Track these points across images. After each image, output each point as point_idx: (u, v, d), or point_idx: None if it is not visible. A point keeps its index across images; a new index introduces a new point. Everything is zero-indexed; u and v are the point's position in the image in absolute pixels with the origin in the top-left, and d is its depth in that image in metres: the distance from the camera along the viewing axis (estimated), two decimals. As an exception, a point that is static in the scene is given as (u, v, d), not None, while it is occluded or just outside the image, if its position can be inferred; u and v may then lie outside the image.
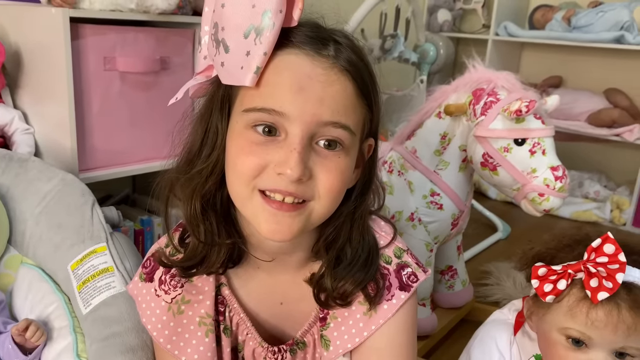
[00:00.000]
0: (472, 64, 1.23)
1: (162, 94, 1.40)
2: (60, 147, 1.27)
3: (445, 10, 2.95)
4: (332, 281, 0.65)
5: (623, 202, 2.42)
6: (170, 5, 1.30)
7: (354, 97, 0.58)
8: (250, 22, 0.54)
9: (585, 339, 0.73)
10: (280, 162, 0.55)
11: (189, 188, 0.62)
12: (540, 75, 2.87)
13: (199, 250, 0.64)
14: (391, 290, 0.67)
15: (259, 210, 0.58)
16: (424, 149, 1.26)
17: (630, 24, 2.36)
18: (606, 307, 0.71)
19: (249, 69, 0.55)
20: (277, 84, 0.55)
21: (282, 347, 0.71)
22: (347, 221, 0.65)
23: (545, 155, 1.13)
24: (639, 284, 0.72)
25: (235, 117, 0.59)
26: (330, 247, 0.66)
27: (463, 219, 1.32)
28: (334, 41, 0.58)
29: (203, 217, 0.62)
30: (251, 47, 0.54)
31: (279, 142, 0.56)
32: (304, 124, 0.55)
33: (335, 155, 0.58)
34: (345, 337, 0.67)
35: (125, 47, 1.30)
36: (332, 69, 0.56)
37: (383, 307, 0.66)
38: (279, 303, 0.70)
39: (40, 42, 1.27)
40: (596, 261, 0.73)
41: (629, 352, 0.72)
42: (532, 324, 0.82)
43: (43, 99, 1.31)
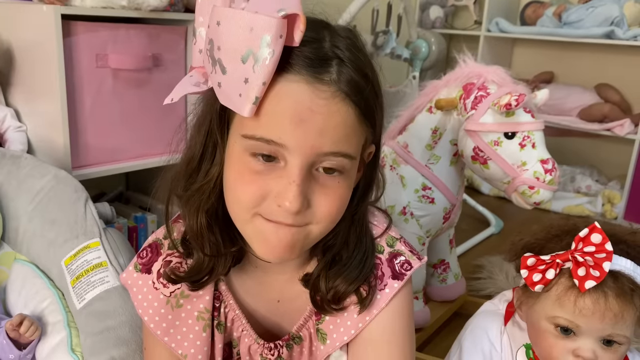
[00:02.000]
0: (462, 59, 1.24)
1: (154, 91, 1.40)
2: (53, 144, 1.27)
3: (437, 6, 2.96)
4: (326, 282, 0.65)
5: (614, 196, 2.45)
6: (162, 2, 1.30)
7: (355, 123, 0.56)
8: (248, 47, 0.50)
9: (574, 327, 0.74)
10: (279, 193, 0.55)
11: (194, 205, 0.61)
12: (532, 71, 2.89)
13: (205, 263, 0.64)
14: (384, 280, 0.67)
15: (258, 234, 0.58)
16: (415, 144, 1.27)
17: (620, 19, 2.38)
18: (593, 295, 0.72)
19: (248, 98, 0.52)
20: (276, 115, 0.53)
21: (278, 342, 0.71)
22: (347, 224, 0.65)
23: (535, 149, 1.15)
24: (625, 272, 0.74)
25: (234, 137, 0.57)
26: (328, 250, 0.66)
27: (455, 213, 1.33)
28: (337, 58, 0.55)
29: (208, 231, 0.62)
30: (249, 74, 0.51)
31: (279, 169, 0.55)
32: (303, 155, 0.54)
33: (334, 181, 0.57)
34: (341, 330, 0.67)
35: (117, 44, 1.30)
36: (333, 98, 0.53)
37: (376, 298, 0.66)
38: (276, 301, 0.70)
39: (32, 39, 1.27)
40: (584, 251, 0.74)
41: (616, 340, 0.73)
42: (522, 313, 0.83)
43: (35, 97, 1.31)
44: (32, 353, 0.88)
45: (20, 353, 0.86)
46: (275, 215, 0.56)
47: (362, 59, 0.57)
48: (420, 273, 1.32)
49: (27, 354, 0.87)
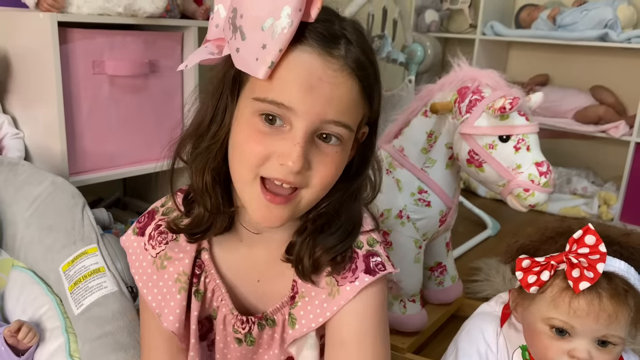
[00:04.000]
0: (457, 63, 1.25)
1: (151, 97, 1.41)
2: (50, 150, 1.28)
3: (432, 10, 2.98)
4: (309, 247, 0.67)
5: (610, 198, 2.46)
6: (158, 8, 1.31)
7: (358, 97, 0.61)
8: (270, 16, 0.55)
9: (569, 328, 0.74)
10: (283, 153, 0.59)
11: (201, 162, 0.65)
12: (527, 74, 2.91)
13: (205, 218, 0.68)
14: (356, 273, 0.67)
15: (255, 199, 0.61)
16: (411, 147, 1.28)
17: (614, 21, 2.40)
18: (588, 296, 0.73)
19: (264, 62, 0.57)
20: (288, 80, 0.58)
21: (250, 318, 0.73)
22: (340, 195, 0.67)
23: (529, 151, 1.15)
24: (619, 273, 0.74)
25: (244, 101, 0.62)
26: (316, 221, 0.68)
27: (451, 216, 1.34)
28: (345, 39, 0.60)
29: (213, 190, 0.66)
30: (268, 40, 0.56)
31: (283, 132, 0.59)
32: (309, 120, 0.58)
33: (332, 149, 0.62)
34: (310, 317, 0.68)
35: (114, 51, 1.31)
36: (341, 70, 0.59)
37: (346, 289, 0.67)
38: (256, 280, 0.73)
39: (28, 46, 1.27)
40: (578, 252, 0.75)
41: (611, 340, 0.74)
42: (518, 315, 0.84)
43: (32, 104, 1.31)
44: (30, 359, 0.88)
45: (18, 359, 0.86)
46: (277, 173, 0.59)
47: (367, 45, 0.63)
48: (418, 275, 1.32)
49: (25, 360, 0.87)
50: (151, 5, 1.30)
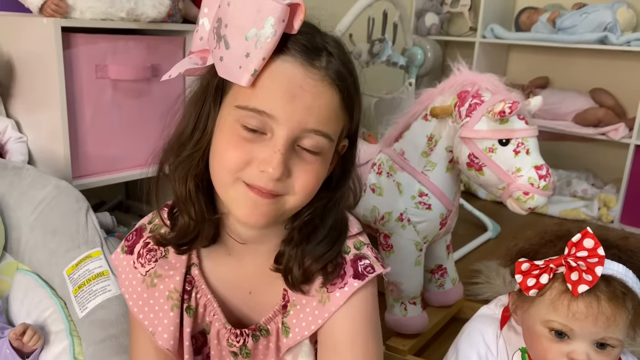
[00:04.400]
0: (456, 67, 1.26)
1: (153, 100, 1.42)
2: (54, 154, 1.29)
3: (432, 13, 2.99)
4: (297, 257, 0.68)
5: (610, 200, 2.47)
6: (161, 13, 1.32)
7: (338, 108, 0.63)
8: (254, 26, 0.57)
9: (567, 331, 0.75)
10: (264, 160, 0.60)
11: (183, 170, 0.66)
12: (527, 76, 2.91)
13: (190, 228, 0.68)
14: (345, 279, 0.68)
15: (240, 196, 0.62)
16: (411, 151, 1.29)
17: (614, 24, 2.41)
18: (586, 299, 0.74)
19: (247, 70, 0.58)
20: (271, 89, 0.59)
21: (244, 330, 0.73)
22: (321, 209, 0.68)
23: (529, 155, 1.16)
24: (617, 276, 0.75)
25: (227, 108, 0.63)
26: (302, 230, 0.68)
27: (451, 219, 1.34)
28: (326, 51, 0.62)
29: (197, 197, 0.66)
30: (251, 49, 0.58)
31: (264, 140, 0.61)
32: (290, 129, 0.60)
33: (313, 158, 0.63)
34: (303, 325, 0.69)
35: (117, 55, 1.32)
36: (322, 80, 0.60)
37: (335, 295, 0.68)
38: (248, 292, 0.73)
39: (32, 51, 1.28)
40: (576, 255, 0.75)
41: (610, 343, 0.75)
42: (517, 317, 0.85)
43: (36, 108, 1.32)
44: (35, 362, 0.89)
45: (23, 362, 0.87)
46: (257, 181, 0.61)
47: (347, 58, 0.65)
48: (418, 278, 1.33)
49: (29, 363, 0.88)
50: (153, 10, 1.31)
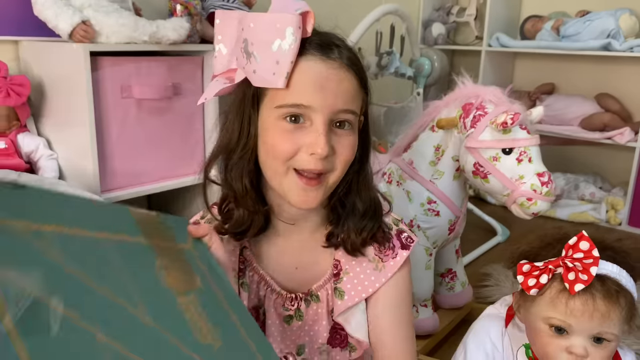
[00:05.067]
0: (461, 80, 1.33)
1: (175, 117, 1.50)
2: (83, 170, 1.37)
3: (439, 23, 3.06)
4: (346, 231, 0.80)
5: (617, 203, 2.51)
6: (181, 36, 1.41)
7: (357, 87, 0.75)
8: (277, 38, 0.68)
9: (566, 327, 0.81)
10: (311, 144, 0.71)
11: (238, 170, 0.76)
12: (533, 83, 2.97)
13: (245, 218, 0.78)
14: (395, 250, 0.82)
15: (293, 185, 0.73)
16: (419, 160, 1.36)
17: (617, 31, 2.46)
18: (582, 297, 0.80)
19: (281, 74, 0.69)
20: (303, 85, 0.70)
21: (298, 294, 0.83)
22: (355, 180, 0.80)
23: (531, 163, 1.23)
24: (611, 276, 0.81)
25: (266, 111, 0.73)
26: (344, 203, 0.80)
27: (459, 224, 1.41)
28: (336, 45, 0.73)
29: (251, 191, 0.77)
30: (279, 57, 0.69)
31: (306, 128, 0.71)
32: (325, 113, 0.71)
33: (347, 133, 0.74)
34: (358, 289, 0.81)
35: (140, 76, 1.41)
36: (340, 68, 0.72)
37: (390, 264, 0.81)
38: (294, 268, 0.84)
39: (62, 74, 1.37)
40: (573, 257, 0.82)
41: (605, 337, 0.81)
42: (521, 316, 0.91)
43: (65, 127, 1.41)
44: None
45: None
46: (307, 164, 0.71)
47: (352, 48, 0.76)
48: (429, 281, 1.40)
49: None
50: (174, 32, 1.40)
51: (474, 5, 2.99)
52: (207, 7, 1.64)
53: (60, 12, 1.31)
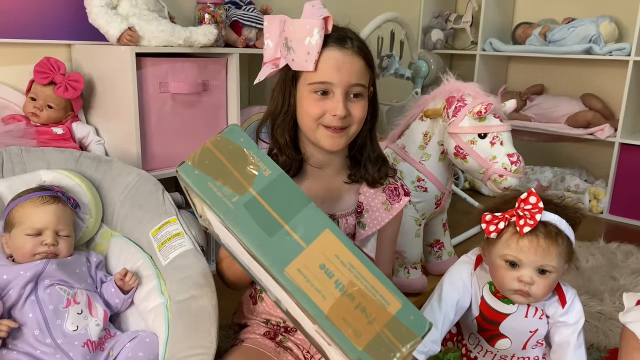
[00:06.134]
0: (446, 78, 1.58)
1: (203, 110, 1.76)
2: (128, 153, 1.62)
3: (438, 30, 3.30)
4: (364, 170, 1.12)
5: (599, 193, 2.73)
6: (210, 40, 1.66)
7: (365, 67, 1.04)
8: (307, 36, 0.99)
9: (517, 261, 1.05)
10: (333, 108, 1.02)
11: (281, 128, 1.08)
12: (525, 84, 3.21)
13: (287, 163, 1.10)
14: (400, 196, 1.16)
15: (323, 135, 1.05)
16: (410, 145, 1.60)
17: (597, 37, 2.69)
18: (529, 237, 1.03)
19: (311, 61, 1.00)
20: (326, 68, 1.00)
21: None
22: (368, 135, 1.12)
23: (502, 146, 1.47)
24: (552, 222, 1.05)
25: (301, 87, 1.04)
26: (362, 152, 1.12)
27: (445, 200, 1.65)
28: (349, 37, 1.03)
29: (291, 143, 1.09)
30: (310, 49, 1.00)
31: (329, 98, 1.02)
32: (342, 87, 1.01)
33: (359, 101, 1.04)
34: (375, 222, 1.13)
35: (175, 74, 1.66)
36: (352, 55, 1.02)
37: (396, 206, 1.15)
38: (321, 202, 1.12)
39: (110, 72, 1.63)
40: (524, 208, 1.06)
41: (547, 269, 1.04)
42: (485, 258, 1.15)
43: (112, 116, 1.67)
44: (132, 297, 1.21)
45: (124, 297, 1.20)
46: (331, 122, 1.03)
47: (362, 39, 1.06)
48: (418, 248, 1.63)
49: (128, 298, 1.21)
50: (204, 37, 1.65)
51: (470, 12, 3.23)
52: (230, 16, 1.89)
53: (110, 20, 1.57)
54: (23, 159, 1.33)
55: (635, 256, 2.15)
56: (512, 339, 1.14)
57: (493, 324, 1.13)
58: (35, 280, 1.10)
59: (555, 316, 1.12)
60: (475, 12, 3.20)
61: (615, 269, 2.01)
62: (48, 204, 1.16)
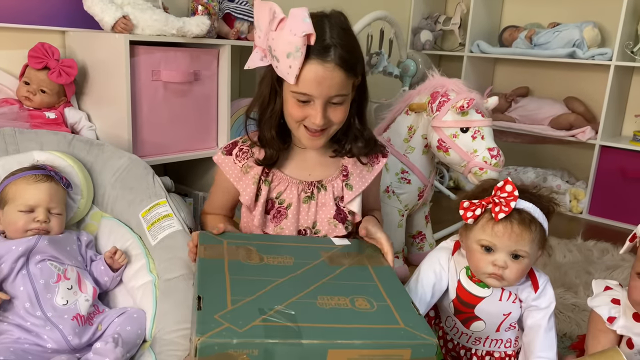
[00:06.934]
0: (431, 74, 1.63)
1: (194, 99, 1.80)
2: (119, 139, 1.65)
3: (427, 31, 3.36)
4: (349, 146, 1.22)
5: (579, 193, 2.81)
6: (202, 31, 1.70)
7: (345, 79, 1.09)
8: (289, 50, 1.04)
9: (492, 245, 1.10)
10: (312, 115, 1.10)
11: (268, 125, 1.17)
12: (511, 86, 3.27)
13: (273, 155, 1.19)
14: (378, 158, 1.27)
15: (303, 134, 1.15)
16: (396, 138, 1.65)
17: (581, 41, 2.77)
18: (504, 223, 1.08)
19: (293, 75, 1.06)
20: (307, 82, 1.06)
21: (312, 182, 1.22)
22: (355, 116, 1.19)
23: (484, 140, 1.52)
24: (526, 209, 1.10)
25: (286, 91, 1.11)
26: (347, 133, 1.20)
27: (427, 192, 1.70)
28: (333, 46, 1.04)
29: (277, 138, 1.17)
30: (291, 63, 1.05)
31: (310, 104, 1.10)
32: (322, 99, 1.08)
33: (339, 106, 1.11)
34: (360, 183, 1.23)
35: (168, 63, 1.70)
36: (333, 69, 1.05)
37: (375, 167, 1.26)
38: (308, 174, 1.23)
39: (103, 59, 1.66)
40: (500, 195, 1.11)
41: (520, 254, 1.09)
42: (463, 243, 1.19)
43: (104, 103, 1.70)
44: (120, 276, 1.25)
45: (113, 274, 1.23)
46: (312, 126, 1.12)
47: (349, 39, 1.09)
48: (401, 237, 1.69)
49: (117, 276, 1.24)
50: (197, 28, 1.69)
51: (459, 15, 3.29)
52: (223, 8, 1.93)
53: (105, 8, 1.60)
54: (17, 140, 1.36)
55: (610, 253, 2.22)
56: (486, 321, 1.19)
57: (469, 307, 1.18)
58: (27, 255, 1.13)
59: (528, 300, 1.17)
60: (463, 15, 3.26)
61: (590, 264, 2.08)
62: (41, 182, 1.19)
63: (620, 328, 1.08)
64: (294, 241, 1.17)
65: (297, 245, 1.14)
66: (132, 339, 1.11)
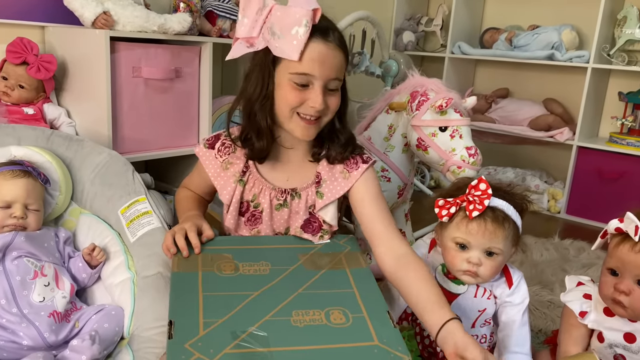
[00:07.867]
0: (411, 74, 1.65)
1: (175, 96, 1.79)
2: (99, 136, 1.65)
3: (409, 32, 3.38)
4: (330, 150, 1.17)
5: (557, 194, 2.86)
6: (184, 28, 1.70)
7: (343, 60, 1.08)
8: (296, 25, 1.01)
9: (466, 243, 1.12)
10: (312, 100, 1.06)
11: (262, 113, 1.10)
12: (491, 87, 3.32)
13: (264, 147, 1.14)
14: (358, 164, 1.17)
15: (298, 125, 1.10)
16: (376, 137, 1.67)
17: (559, 44, 2.82)
18: (478, 220, 1.11)
19: (297, 50, 1.02)
20: (310, 60, 1.03)
21: (286, 189, 1.17)
22: (336, 118, 1.15)
23: (462, 139, 1.55)
24: (499, 207, 1.12)
25: (281, 75, 1.06)
26: (329, 135, 1.16)
27: (407, 190, 1.72)
28: (332, 29, 1.06)
29: (268, 129, 1.11)
30: (297, 38, 1.02)
31: (309, 89, 1.06)
32: (322, 80, 1.05)
33: (335, 93, 1.10)
34: (333, 192, 1.16)
35: (149, 60, 1.69)
36: (335, 49, 1.05)
37: (354, 173, 1.16)
38: (286, 179, 1.19)
39: (83, 55, 1.65)
40: (474, 194, 1.13)
41: (494, 251, 1.12)
42: (439, 241, 1.22)
43: (84, 99, 1.69)
44: (99, 273, 1.24)
45: (91, 271, 1.23)
46: (309, 111, 1.07)
47: (341, 33, 1.11)
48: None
49: (95, 273, 1.24)
50: (178, 25, 1.69)
51: (441, 16, 3.33)
52: (205, 5, 1.93)
53: (85, 3, 1.59)
54: (-7, 135, 1.35)
55: (586, 252, 2.27)
56: (462, 317, 1.21)
57: (444, 303, 1.20)
58: (3, 252, 1.12)
59: (503, 296, 1.19)
60: (445, 16, 3.30)
61: (567, 262, 2.12)
62: (18, 177, 1.18)
63: (592, 322, 1.11)
64: (272, 243, 1.16)
65: (274, 248, 1.14)
66: (110, 336, 1.11)
